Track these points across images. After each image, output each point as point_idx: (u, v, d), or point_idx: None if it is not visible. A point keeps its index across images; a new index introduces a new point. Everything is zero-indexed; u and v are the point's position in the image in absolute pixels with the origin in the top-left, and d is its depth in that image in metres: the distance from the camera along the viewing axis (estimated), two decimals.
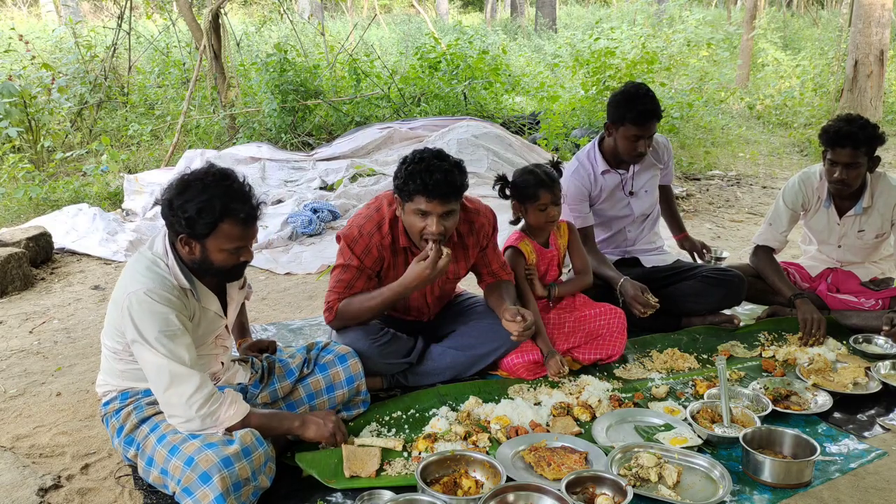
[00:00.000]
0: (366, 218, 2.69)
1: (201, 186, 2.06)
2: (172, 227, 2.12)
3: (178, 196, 2.07)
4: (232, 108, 8.22)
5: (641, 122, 3.22)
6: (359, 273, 2.67)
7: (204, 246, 2.11)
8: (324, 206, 5.61)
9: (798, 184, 3.49)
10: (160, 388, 2.06)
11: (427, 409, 2.65)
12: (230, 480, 1.94)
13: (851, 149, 3.15)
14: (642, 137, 3.27)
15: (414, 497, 2.05)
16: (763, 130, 10.04)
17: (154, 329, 2.04)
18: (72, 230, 5.28)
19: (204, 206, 2.04)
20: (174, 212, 2.07)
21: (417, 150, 2.56)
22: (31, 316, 3.92)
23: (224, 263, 2.16)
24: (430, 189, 2.44)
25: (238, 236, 2.12)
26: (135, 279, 2.10)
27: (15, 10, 18.60)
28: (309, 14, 15.56)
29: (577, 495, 2.08)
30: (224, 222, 2.07)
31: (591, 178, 3.44)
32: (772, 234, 3.55)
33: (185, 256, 2.17)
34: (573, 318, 3.12)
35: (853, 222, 3.41)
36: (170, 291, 2.10)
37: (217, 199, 2.05)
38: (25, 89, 7.08)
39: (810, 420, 2.61)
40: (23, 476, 2.32)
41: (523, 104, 9.85)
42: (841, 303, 3.47)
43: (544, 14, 18.55)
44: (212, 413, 2.06)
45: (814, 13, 20.08)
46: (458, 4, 26.94)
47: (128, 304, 2.06)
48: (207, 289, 2.26)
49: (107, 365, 2.30)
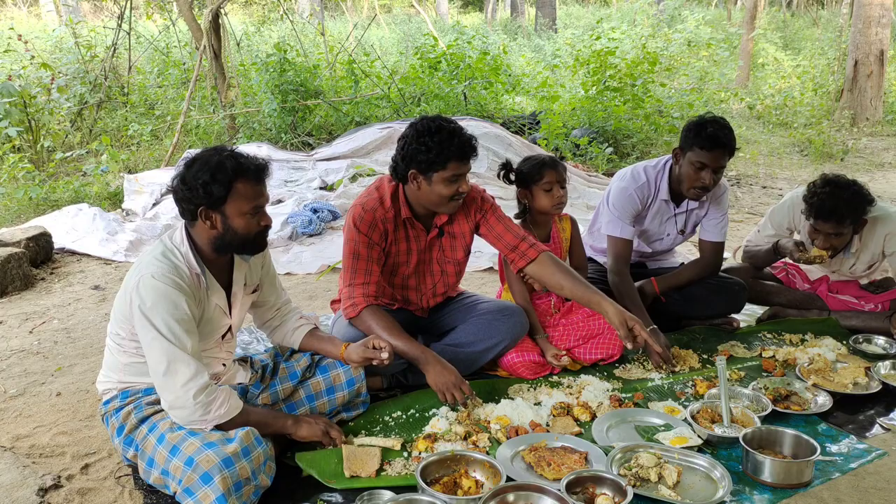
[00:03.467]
0: (367, 196, 2.74)
1: (208, 156, 2.15)
2: (190, 203, 2.15)
3: (189, 170, 2.14)
4: (232, 108, 8.22)
5: (710, 147, 3.02)
6: (369, 254, 2.69)
7: (224, 214, 2.16)
8: (324, 206, 5.61)
9: (787, 208, 3.41)
10: (159, 372, 2.07)
11: (427, 409, 2.65)
12: (231, 481, 1.94)
13: (835, 223, 3.08)
14: (707, 167, 3.06)
15: (414, 497, 2.05)
16: (763, 130, 10.04)
17: (161, 311, 2.06)
18: (72, 230, 5.28)
19: (216, 168, 2.11)
20: (188, 185, 2.12)
21: (422, 122, 2.58)
22: (31, 316, 3.92)
23: (247, 230, 2.19)
24: (465, 150, 2.56)
25: (253, 194, 2.17)
26: (149, 263, 2.14)
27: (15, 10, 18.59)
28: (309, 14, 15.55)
29: (577, 495, 2.08)
30: (238, 181, 2.13)
31: (650, 200, 3.27)
32: (758, 240, 3.54)
33: (205, 235, 2.20)
34: (572, 318, 3.12)
35: (840, 262, 3.40)
36: (181, 277, 2.14)
37: (226, 160, 2.14)
38: (25, 89, 7.08)
39: (810, 420, 2.61)
40: (23, 476, 2.32)
41: (523, 104, 9.86)
42: (841, 303, 3.47)
43: (544, 14, 18.56)
44: (205, 404, 2.06)
45: (814, 13, 20.08)
46: (458, 4, 26.93)
47: (138, 285, 2.09)
48: (216, 281, 2.28)
49: (110, 359, 2.30)
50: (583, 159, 7.54)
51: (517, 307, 2.99)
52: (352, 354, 2.49)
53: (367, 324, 2.66)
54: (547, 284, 2.85)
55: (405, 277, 2.87)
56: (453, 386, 2.57)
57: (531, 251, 2.82)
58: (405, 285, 2.90)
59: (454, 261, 2.92)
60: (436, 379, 2.59)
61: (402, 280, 2.87)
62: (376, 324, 2.64)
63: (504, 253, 2.90)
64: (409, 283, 2.90)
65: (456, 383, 2.58)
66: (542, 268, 2.81)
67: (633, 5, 17.99)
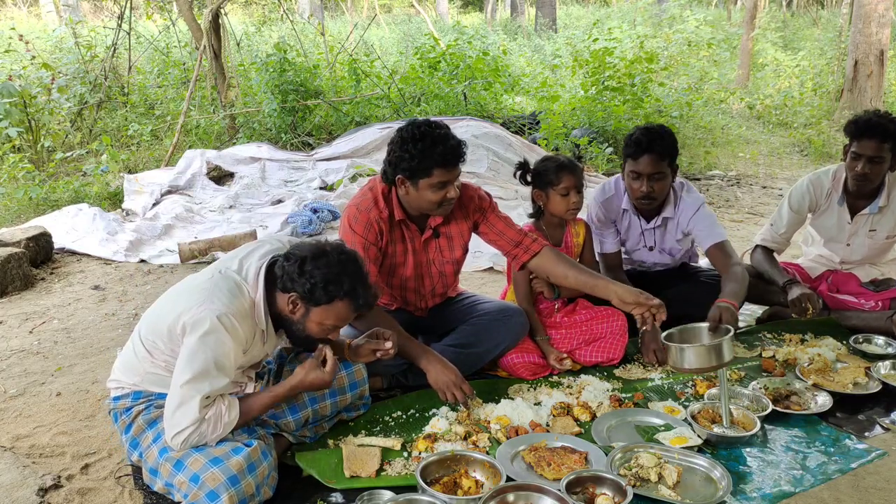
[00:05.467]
0: (361, 197, 2.73)
1: (336, 261, 2.10)
2: (291, 283, 2.10)
3: (314, 260, 2.09)
4: (232, 108, 8.22)
5: (636, 155, 2.98)
6: (366, 255, 2.67)
7: (308, 312, 2.13)
8: (324, 206, 5.61)
9: (807, 185, 3.46)
10: (170, 406, 2.04)
11: (427, 409, 2.65)
12: (237, 498, 1.95)
13: (878, 141, 3.14)
14: (642, 175, 3.01)
15: (414, 497, 2.05)
16: (763, 130, 10.04)
17: (205, 353, 2.01)
18: (72, 230, 5.29)
19: (333, 280, 2.08)
20: (303, 272, 2.08)
21: (408, 127, 2.57)
22: (31, 316, 3.92)
23: (313, 335, 2.19)
24: (448, 158, 2.53)
25: (344, 317, 2.17)
26: (217, 298, 2.06)
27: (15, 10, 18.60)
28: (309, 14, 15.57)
29: (577, 495, 2.08)
30: (342, 300, 2.11)
31: (618, 210, 3.28)
32: (771, 235, 3.55)
33: (281, 307, 2.16)
34: (574, 320, 3.12)
35: (866, 221, 3.40)
36: (242, 322, 2.08)
37: (347, 277, 2.10)
38: (25, 89, 7.08)
39: (810, 420, 2.61)
40: (23, 476, 2.32)
41: (523, 104, 9.86)
42: (841, 303, 3.47)
43: (544, 14, 18.56)
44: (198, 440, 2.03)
45: (814, 13, 20.08)
46: (458, 4, 26.93)
47: (197, 319, 2.02)
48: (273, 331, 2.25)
49: (134, 362, 2.21)
50: (583, 159, 7.55)
51: (518, 308, 2.98)
52: (357, 349, 2.49)
53: (367, 323, 2.66)
54: (551, 276, 2.87)
55: (403, 279, 2.86)
56: (454, 385, 2.58)
57: (535, 245, 2.84)
58: (404, 286, 2.90)
59: (452, 260, 2.91)
60: (436, 378, 2.59)
61: (400, 281, 2.87)
62: (375, 323, 2.64)
63: (506, 249, 2.89)
64: (408, 285, 2.89)
65: (456, 382, 2.58)
66: (546, 260, 2.83)
67: (633, 5, 18.00)
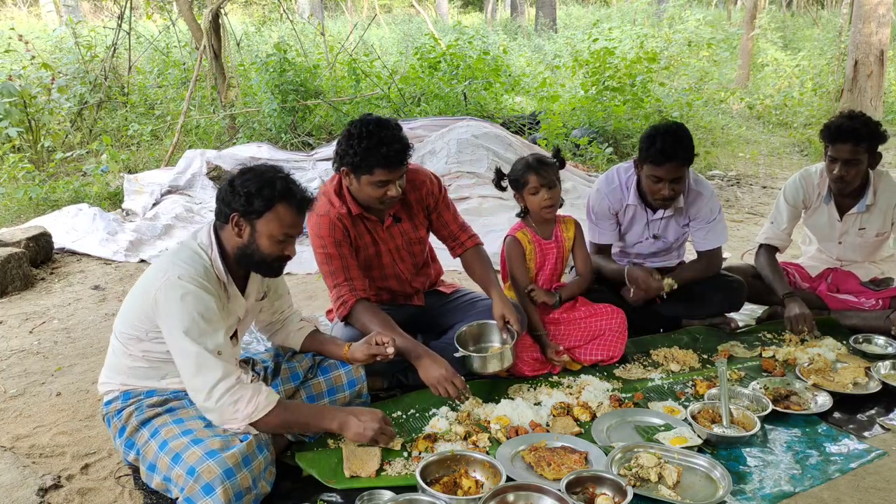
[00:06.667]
0: (317, 204, 2.73)
1: (264, 170, 2.17)
2: (228, 206, 2.15)
3: (241, 175, 2.16)
4: (232, 108, 8.22)
5: (660, 162, 3.02)
6: (340, 253, 2.71)
7: (254, 228, 2.15)
8: None
9: (798, 179, 3.50)
10: (187, 375, 2.08)
11: (427, 409, 2.65)
12: (232, 491, 1.96)
13: (852, 145, 3.15)
14: (663, 180, 3.06)
15: (414, 497, 2.05)
16: (763, 130, 10.04)
17: (191, 311, 2.05)
18: (72, 230, 5.29)
19: (265, 183, 2.12)
20: (234, 189, 2.13)
21: (357, 123, 2.58)
22: (31, 316, 3.92)
23: (269, 252, 2.19)
24: (391, 160, 2.53)
25: (289, 222, 2.17)
26: (176, 264, 2.12)
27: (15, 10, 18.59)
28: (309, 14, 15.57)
29: (577, 495, 2.08)
30: (280, 203, 2.14)
31: (622, 203, 3.31)
32: (773, 233, 3.55)
33: (230, 242, 2.20)
34: (573, 317, 3.11)
35: (854, 220, 3.41)
36: (209, 280, 2.14)
37: (279, 180, 2.15)
38: (25, 89, 7.08)
39: (810, 420, 2.61)
40: (23, 476, 2.32)
41: (523, 104, 9.86)
42: (841, 303, 3.47)
43: (544, 14, 18.56)
44: (231, 404, 2.06)
45: (814, 13, 20.08)
46: (458, 4, 26.93)
47: (165, 288, 2.07)
48: (238, 290, 2.28)
49: (114, 360, 2.28)
50: (583, 159, 7.54)
51: (516, 304, 2.98)
52: (356, 353, 2.48)
53: (361, 321, 2.67)
54: (466, 269, 3.03)
55: (381, 268, 2.89)
56: (445, 380, 2.54)
57: (469, 241, 2.99)
58: (383, 276, 2.92)
59: (418, 239, 2.94)
60: (427, 373, 2.57)
61: (379, 272, 2.90)
62: (369, 320, 2.65)
63: (445, 240, 3.00)
64: (387, 273, 2.92)
65: (447, 377, 2.54)
66: (472, 257, 2.98)
67: (633, 5, 18.00)
